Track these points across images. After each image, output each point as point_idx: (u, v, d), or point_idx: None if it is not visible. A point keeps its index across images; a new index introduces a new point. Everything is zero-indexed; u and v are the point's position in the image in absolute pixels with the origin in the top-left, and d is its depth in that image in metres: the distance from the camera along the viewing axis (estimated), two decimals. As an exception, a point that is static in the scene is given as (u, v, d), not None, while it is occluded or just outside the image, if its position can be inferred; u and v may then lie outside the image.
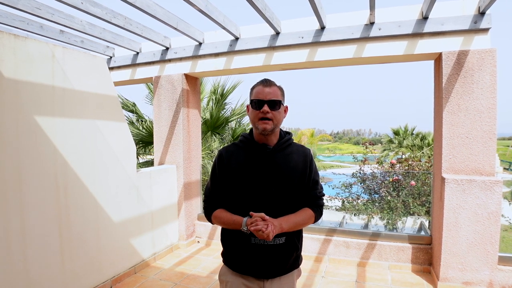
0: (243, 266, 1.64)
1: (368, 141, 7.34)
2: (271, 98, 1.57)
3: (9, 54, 2.60)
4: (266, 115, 1.56)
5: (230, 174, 1.65)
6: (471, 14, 3.27)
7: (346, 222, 5.09)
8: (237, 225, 1.56)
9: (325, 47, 3.85)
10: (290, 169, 1.65)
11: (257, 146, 1.65)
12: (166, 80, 4.69)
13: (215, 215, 1.68)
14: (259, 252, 1.59)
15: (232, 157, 1.67)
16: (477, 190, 3.20)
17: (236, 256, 1.66)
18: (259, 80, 1.66)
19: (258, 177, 1.61)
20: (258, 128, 1.59)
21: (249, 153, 1.66)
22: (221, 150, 1.72)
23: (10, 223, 2.58)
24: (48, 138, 2.88)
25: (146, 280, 3.70)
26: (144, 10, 3.30)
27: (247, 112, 1.68)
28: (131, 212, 3.84)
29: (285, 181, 1.63)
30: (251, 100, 1.62)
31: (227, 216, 1.63)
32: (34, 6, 3.34)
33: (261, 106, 1.56)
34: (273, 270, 1.63)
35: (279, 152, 1.66)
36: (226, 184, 1.66)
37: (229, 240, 1.68)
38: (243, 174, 1.62)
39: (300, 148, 1.76)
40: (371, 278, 3.68)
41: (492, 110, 3.24)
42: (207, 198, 1.75)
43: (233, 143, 1.74)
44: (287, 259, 1.65)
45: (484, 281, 3.23)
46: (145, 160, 8.41)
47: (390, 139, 22.05)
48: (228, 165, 1.65)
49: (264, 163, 1.63)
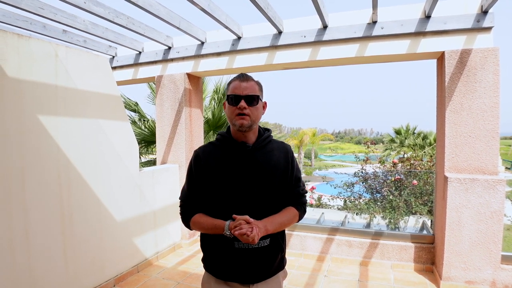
0: (227, 272, 1.55)
1: (370, 141, 7.34)
2: (248, 93, 1.49)
3: (12, 54, 2.61)
4: (243, 111, 1.48)
5: (208, 175, 1.54)
6: (473, 12, 3.27)
7: (348, 221, 5.09)
8: (219, 229, 1.46)
9: (327, 46, 3.85)
10: (271, 167, 1.58)
11: (235, 144, 1.56)
12: (169, 80, 4.70)
13: (194, 221, 1.57)
14: (244, 256, 1.51)
15: (209, 157, 1.56)
16: (480, 189, 3.19)
17: (219, 262, 1.56)
18: (235, 75, 1.56)
19: (239, 177, 1.52)
20: (235, 125, 1.50)
21: (227, 152, 1.57)
22: (197, 150, 1.62)
23: (14, 222, 2.59)
24: (51, 138, 2.89)
25: (149, 279, 3.71)
26: (146, 9, 3.31)
27: (224, 109, 1.58)
28: (134, 211, 3.85)
29: (267, 180, 1.56)
30: (227, 96, 1.52)
31: (207, 220, 1.53)
32: (37, 6, 3.35)
33: (238, 101, 1.48)
34: (259, 274, 1.55)
35: (259, 150, 1.58)
36: (204, 186, 1.56)
37: (211, 245, 1.58)
38: (223, 175, 1.53)
39: (281, 144, 1.68)
40: (374, 277, 3.68)
41: (495, 109, 3.24)
42: (183, 202, 1.63)
43: (210, 142, 1.64)
44: (272, 262, 1.58)
45: (487, 280, 3.23)
46: (147, 159, 8.43)
47: (392, 138, 22.05)
48: (206, 166, 1.55)
49: (244, 162, 1.55)
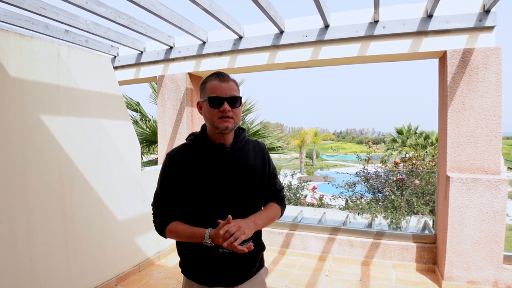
0: (211, 278, 1.50)
1: (372, 140, 7.33)
2: (231, 95, 1.43)
3: (15, 54, 2.62)
4: (227, 113, 1.41)
5: (186, 180, 1.45)
6: (476, 12, 3.26)
7: (350, 221, 5.09)
8: (198, 238, 1.39)
9: (329, 45, 3.84)
10: (250, 168, 1.55)
11: (213, 146, 1.49)
12: (170, 79, 4.70)
13: (170, 229, 1.47)
14: (228, 260, 1.48)
15: (186, 160, 1.46)
16: (482, 188, 3.18)
17: (202, 268, 1.50)
18: (212, 73, 1.48)
19: (219, 180, 1.46)
20: (219, 128, 1.42)
21: (205, 155, 1.49)
22: (170, 153, 1.49)
23: (16, 221, 2.60)
24: (53, 137, 2.90)
25: (151, 279, 3.71)
26: (148, 9, 3.31)
27: (199, 109, 1.51)
28: (136, 210, 3.85)
29: (248, 182, 1.53)
30: (208, 97, 1.43)
31: (185, 229, 1.44)
32: (39, 6, 3.36)
33: (221, 104, 1.41)
34: (243, 275, 1.54)
35: (237, 151, 1.53)
36: (181, 191, 1.46)
37: (192, 251, 1.51)
38: (202, 178, 1.45)
39: (256, 144, 1.65)
40: (375, 277, 3.68)
41: (497, 109, 3.23)
42: (157, 209, 1.53)
43: (184, 144, 1.55)
44: (255, 262, 1.58)
45: (489, 280, 3.22)
46: (149, 159, 8.45)
47: (394, 138, 22.01)
48: (182, 170, 1.45)
49: (223, 164, 1.48)
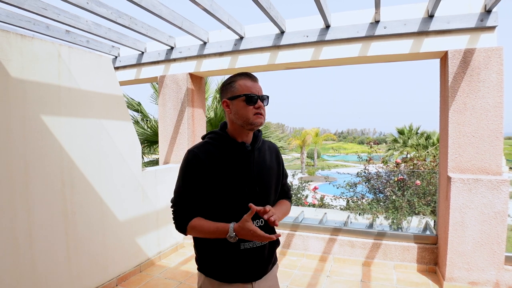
0: (231, 274, 1.53)
1: (373, 141, 7.32)
2: (262, 93, 1.55)
3: (16, 54, 2.62)
4: (260, 110, 1.52)
5: (209, 176, 1.48)
6: (477, 12, 3.25)
7: (351, 221, 5.08)
8: (222, 233, 1.42)
9: (330, 46, 3.84)
10: (268, 167, 1.63)
11: (236, 144, 1.54)
12: (171, 80, 4.70)
13: (193, 225, 1.49)
14: (248, 256, 1.53)
15: (210, 157, 1.50)
16: (484, 189, 3.18)
17: (222, 265, 1.53)
18: (240, 73, 1.55)
19: (242, 177, 1.52)
20: (254, 123, 1.50)
21: (227, 152, 1.53)
22: (194, 150, 1.52)
23: (17, 221, 2.61)
24: (54, 137, 2.91)
25: (152, 279, 3.71)
26: (149, 9, 3.31)
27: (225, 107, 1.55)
28: (137, 211, 3.86)
29: (267, 179, 1.61)
30: (245, 95, 1.49)
31: (208, 224, 1.47)
32: (40, 7, 3.36)
33: (256, 101, 1.51)
34: (261, 271, 1.59)
35: (257, 150, 1.61)
36: (204, 188, 1.49)
37: (213, 248, 1.53)
38: (226, 175, 1.49)
39: (271, 144, 1.75)
40: (376, 277, 3.67)
41: (499, 109, 3.22)
42: (178, 206, 1.53)
43: (205, 142, 1.58)
44: (272, 256, 1.65)
45: (491, 281, 3.21)
46: (150, 159, 8.45)
47: (395, 138, 21.99)
48: (208, 167, 1.48)
49: (245, 162, 1.55)
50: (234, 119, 1.53)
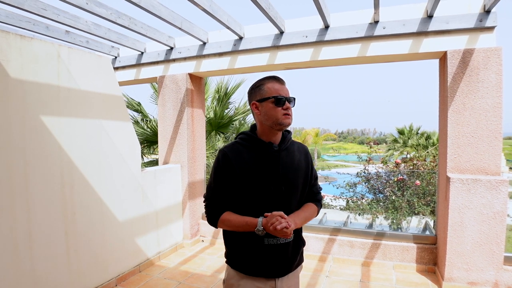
0: (255, 268, 1.60)
1: (373, 141, 7.32)
2: (290, 95, 1.62)
3: (15, 55, 2.62)
4: (288, 111, 1.59)
5: (239, 174, 1.57)
6: (476, 12, 3.25)
7: (351, 221, 5.08)
8: (251, 226, 1.52)
9: (329, 46, 3.84)
10: (296, 167, 1.67)
11: (263, 144, 1.62)
12: (171, 80, 4.71)
13: (223, 219, 1.60)
14: (272, 252, 1.59)
15: (239, 156, 1.60)
16: (483, 189, 3.18)
17: (247, 259, 1.61)
18: (268, 77, 1.63)
19: (268, 176, 1.59)
20: (283, 123, 1.57)
21: (255, 152, 1.62)
22: (224, 149, 1.64)
23: (17, 221, 2.61)
24: (54, 138, 2.91)
25: (151, 279, 3.72)
26: (148, 10, 3.32)
27: (254, 109, 1.62)
28: (136, 211, 3.86)
29: (293, 179, 1.64)
30: (274, 97, 1.57)
31: (238, 218, 1.57)
32: (40, 7, 3.36)
33: (284, 102, 1.58)
34: (285, 268, 1.64)
35: (284, 150, 1.66)
36: (234, 185, 1.59)
37: (239, 242, 1.63)
38: (253, 174, 1.58)
39: (300, 145, 1.79)
40: (376, 277, 3.67)
41: (498, 109, 3.22)
42: (210, 201, 1.66)
43: (235, 141, 1.68)
44: (296, 255, 1.69)
45: (490, 281, 3.21)
46: (149, 159, 8.45)
47: (395, 138, 21.99)
48: (236, 165, 1.58)
49: (272, 162, 1.61)
50: (263, 120, 1.61)
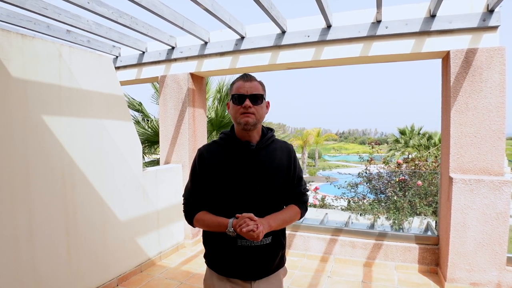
0: (229, 269, 1.58)
1: (374, 141, 7.31)
2: (252, 93, 1.53)
3: (16, 54, 2.62)
4: (248, 110, 1.51)
5: (212, 174, 1.57)
6: (479, 11, 3.23)
7: (352, 222, 5.06)
8: (222, 227, 1.50)
9: (331, 45, 3.83)
10: (274, 167, 1.62)
11: (239, 143, 1.59)
12: (172, 80, 4.70)
13: (197, 218, 1.60)
14: (246, 253, 1.54)
15: (214, 156, 1.59)
16: (485, 190, 3.16)
17: (221, 259, 1.59)
18: (238, 76, 1.59)
19: (243, 176, 1.55)
20: (240, 123, 1.53)
21: (231, 151, 1.60)
22: (200, 149, 1.64)
23: (18, 221, 2.60)
24: (55, 137, 2.90)
25: (152, 279, 3.71)
26: (150, 9, 3.31)
27: (228, 109, 1.62)
28: (137, 211, 3.85)
29: (271, 179, 1.59)
30: (232, 96, 1.55)
31: (211, 218, 1.56)
32: (41, 6, 3.36)
33: (243, 100, 1.51)
34: (260, 271, 1.59)
35: (263, 149, 1.61)
36: (208, 184, 1.59)
37: (214, 242, 1.62)
38: (227, 174, 1.56)
39: (283, 144, 1.72)
40: (377, 278, 3.66)
41: (501, 109, 3.20)
42: (187, 200, 1.67)
43: (213, 141, 1.67)
44: (273, 259, 1.62)
45: (492, 282, 3.19)
46: (151, 159, 8.45)
47: (396, 138, 21.93)
48: (210, 165, 1.58)
49: (248, 161, 1.57)
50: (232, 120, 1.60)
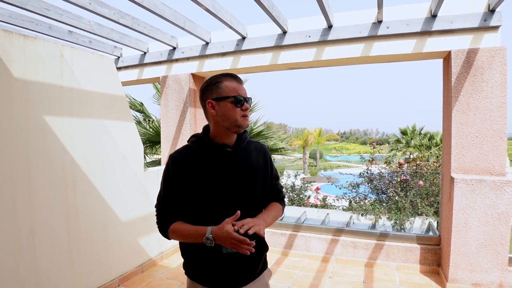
0: (215, 278, 1.51)
1: (376, 141, 7.30)
2: (247, 96, 1.53)
3: (18, 54, 2.63)
4: (247, 112, 1.51)
5: (189, 180, 1.47)
6: (480, 11, 3.23)
7: (353, 222, 5.06)
8: (200, 236, 1.39)
9: (332, 46, 3.83)
10: (253, 169, 1.58)
11: (216, 146, 1.52)
12: (173, 80, 4.71)
13: (173, 229, 1.48)
14: (232, 261, 1.49)
15: (189, 161, 1.49)
16: (487, 190, 3.16)
17: (205, 269, 1.51)
18: (225, 74, 1.52)
19: (222, 181, 1.48)
20: (241, 126, 1.50)
21: (207, 155, 1.51)
22: (173, 155, 1.52)
23: (20, 221, 2.61)
24: (56, 138, 2.91)
25: (154, 279, 3.71)
26: (151, 10, 3.32)
27: (210, 108, 1.49)
28: (139, 211, 3.86)
29: (250, 182, 1.55)
30: (234, 96, 1.47)
31: (189, 228, 1.45)
32: (43, 7, 3.37)
33: (243, 103, 1.49)
34: (247, 277, 1.54)
35: (240, 151, 1.56)
36: (184, 192, 1.48)
37: (196, 252, 1.52)
38: (205, 179, 1.47)
39: (258, 145, 1.69)
40: (379, 278, 3.65)
41: (503, 109, 3.20)
42: (160, 210, 1.54)
43: (186, 145, 1.58)
44: (258, 262, 1.58)
45: (494, 283, 3.18)
46: (152, 159, 8.46)
47: (398, 139, 21.90)
48: (186, 171, 1.47)
49: (226, 164, 1.51)
50: (220, 121, 1.49)
